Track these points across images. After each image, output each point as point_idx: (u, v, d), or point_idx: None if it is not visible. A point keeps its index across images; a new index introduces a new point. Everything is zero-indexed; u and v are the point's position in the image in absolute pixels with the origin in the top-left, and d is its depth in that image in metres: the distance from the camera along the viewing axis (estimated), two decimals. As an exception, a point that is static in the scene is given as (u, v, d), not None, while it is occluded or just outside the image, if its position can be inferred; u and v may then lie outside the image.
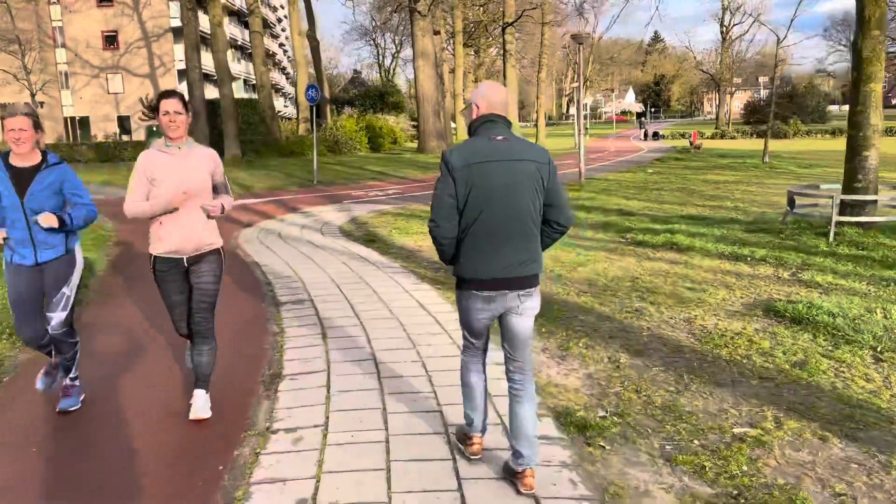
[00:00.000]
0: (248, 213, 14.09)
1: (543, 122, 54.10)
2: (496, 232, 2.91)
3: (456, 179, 2.90)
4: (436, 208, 2.96)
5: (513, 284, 2.97)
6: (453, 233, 2.95)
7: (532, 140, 44.39)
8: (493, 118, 3.02)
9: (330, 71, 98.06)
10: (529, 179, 2.93)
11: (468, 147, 2.96)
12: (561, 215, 3.05)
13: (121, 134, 47.71)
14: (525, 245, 2.97)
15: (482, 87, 3.14)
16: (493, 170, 2.90)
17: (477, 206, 2.90)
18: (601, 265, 8.01)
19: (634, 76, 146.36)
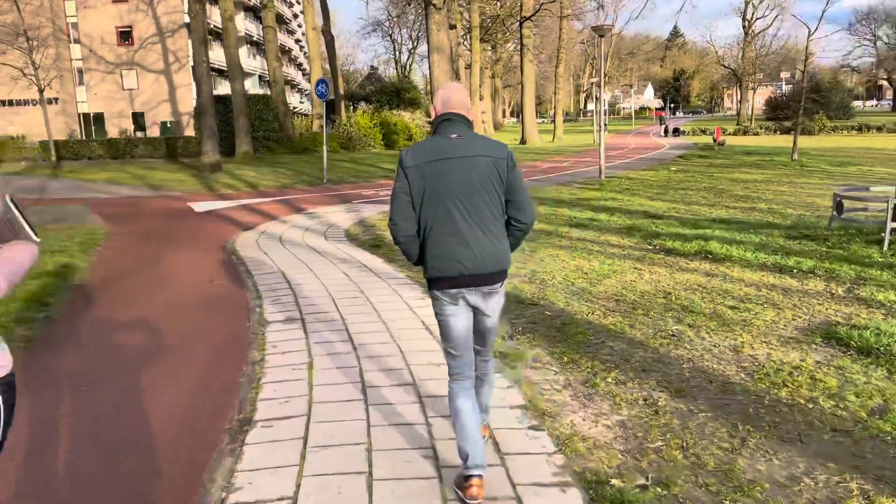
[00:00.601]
0: (251, 213, 13.40)
1: (561, 119, 53.15)
2: (455, 229, 2.89)
3: (410, 178, 2.90)
4: (393, 207, 2.96)
5: (477, 281, 2.93)
6: (411, 231, 2.95)
7: (549, 137, 43.59)
8: (450, 117, 2.99)
9: (347, 67, 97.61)
10: (486, 175, 2.91)
11: (423, 146, 2.95)
12: (520, 212, 3.01)
13: (135, 130, 47.44)
14: (488, 241, 2.91)
15: (442, 87, 3.13)
16: (448, 167, 2.88)
17: (434, 204, 2.90)
18: (628, 277, 7.21)
19: (653, 72, 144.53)
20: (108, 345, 5.30)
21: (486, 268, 2.92)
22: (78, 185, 19.22)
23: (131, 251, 9.40)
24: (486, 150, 2.94)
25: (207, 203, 14.88)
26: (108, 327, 5.78)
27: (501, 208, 2.98)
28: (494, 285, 2.99)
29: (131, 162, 29.35)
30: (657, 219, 11.45)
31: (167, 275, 7.85)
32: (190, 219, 12.78)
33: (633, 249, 8.74)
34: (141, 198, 16.39)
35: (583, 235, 9.96)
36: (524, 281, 7.16)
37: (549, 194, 15.84)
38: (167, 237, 10.65)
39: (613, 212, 12.37)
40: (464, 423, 2.96)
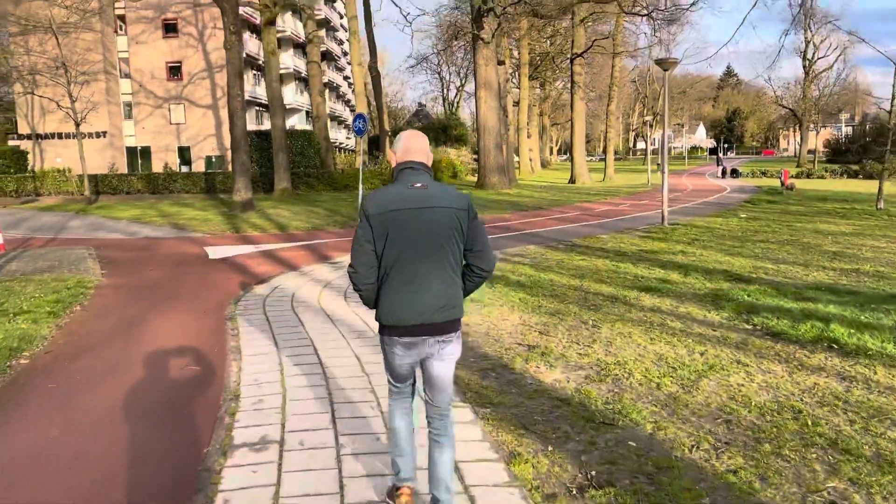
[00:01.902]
0: (270, 261, 11.91)
1: (612, 157, 51.27)
2: (413, 278, 2.91)
3: (372, 226, 2.90)
4: (354, 254, 2.96)
5: (431, 330, 2.94)
6: (372, 278, 2.96)
7: (599, 176, 41.76)
8: (411, 165, 3.01)
9: (395, 104, 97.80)
10: (446, 225, 2.93)
11: (385, 194, 2.96)
12: (482, 260, 3.05)
13: (181, 164, 47.34)
14: (444, 290, 2.94)
15: (402, 134, 3.12)
16: (409, 216, 2.90)
17: (394, 253, 2.90)
18: (733, 378, 5.34)
19: (705, 111, 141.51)
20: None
21: (441, 318, 2.93)
22: (100, 223, 18.17)
23: (113, 313, 7.91)
24: (448, 201, 2.95)
25: (226, 248, 13.48)
26: (2, 450, 4.19)
27: (460, 258, 3.02)
28: (448, 334, 2.99)
29: (168, 197, 28.58)
30: (744, 282, 9.52)
31: (138, 352, 6.30)
32: (200, 267, 11.35)
33: (727, 329, 6.86)
34: (158, 240, 15.13)
35: (657, 304, 8.11)
36: (591, 379, 5.36)
37: (608, 244, 14.00)
38: (165, 292, 9.18)
39: (688, 270, 10.47)
40: (398, 440, 3.16)
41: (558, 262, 11.58)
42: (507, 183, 31.62)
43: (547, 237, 15.47)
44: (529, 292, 8.90)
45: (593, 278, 9.94)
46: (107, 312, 7.90)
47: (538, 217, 20.38)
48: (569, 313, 7.66)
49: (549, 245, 13.96)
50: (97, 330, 7.08)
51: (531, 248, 13.59)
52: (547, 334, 6.79)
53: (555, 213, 21.64)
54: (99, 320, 7.51)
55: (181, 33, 46.51)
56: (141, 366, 5.86)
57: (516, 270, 10.69)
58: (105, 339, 6.74)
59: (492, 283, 9.57)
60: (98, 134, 45.60)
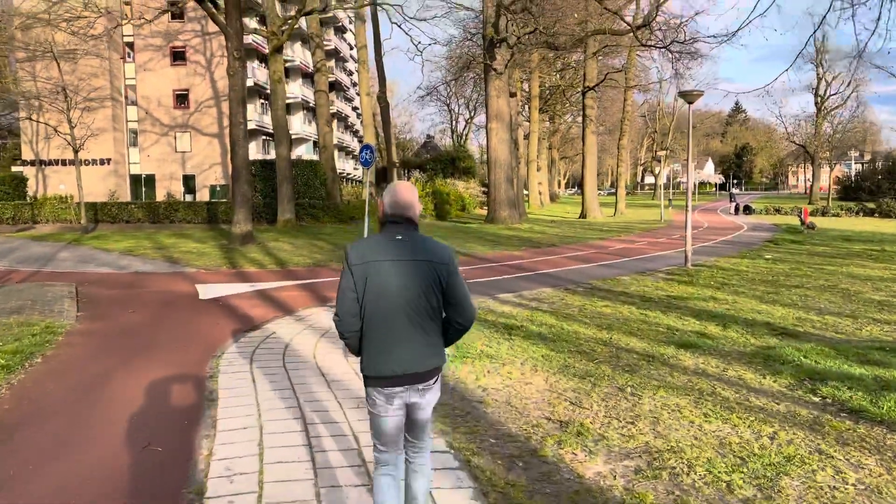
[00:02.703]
0: (265, 303, 10.92)
1: (623, 191, 50.43)
2: (393, 329, 2.94)
3: (354, 275, 2.95)
4: (339, 302, 3.00)
5: (412, 380, 2.98)
6: (356, 326, 2.99)
7: (609, 210, 40.85)
8: (396, 219, 3.06)
9: (404, 135, 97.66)
10: (426, 278, 2.97)
11: (368, 244, 3.03)
12: (460, 314, 3.06)
13: (185, 193, 46.73)
14: (424, 340, 2.99)
15: (392, 186, 3.15)
16: (390, 268, 2.95)
17: (374, 303, 2.95)
18: (820, 477, 4.28)
19: (713, 146, 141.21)
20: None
21: (421, 367, 2.99)
22: (90, 255, 17.26)
23: (77, 368, 6.91)
24: (429, 254, 3.01)
25: (219, 286, 12.51)
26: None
27: (439, 309, 3.04)
28: (428, 381, 3.03)
29: (168, 227, 27.74)
30: (792, 337, 8.49)
31: (95, 423, 5.29)
32: (187, 309, 10.36)
33: (792, 402, 5.81)
34: (148, 275, 14.18)
35: (700, 365, 7.07)
36: (642, 473, 4.31)
37: (631, 287, 12.98)
38: (142, 341, 8.19)
39: (725, 322, 9.43)
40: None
41: (580, 309, 10.56)
42: (517, 217, 30.71)
43: (564, 278, 14.46)
44: (553, 347, 7.87)
45: (622, 330, 8.91)
46: (70, 367, 6.90)
47: (552, 255, 19.38)
48: (601, 376, 6.63)
49: (568, 288, 12.94)
50: (53, 391, 6.07)
51: (548, 290, 12.58)
52: (579, 405, 5.75)
53: (569, 251, 20.65)
54: (58, 378, 6.51)
55: (189, 61, 46.23)
56: (94, 443, 4.85)
57: (535, 318, 9.67)
58: (60, 405, 5.73)
59: (510, 334, 8.55)
60: (102, 161, 45.03)
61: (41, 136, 43.05)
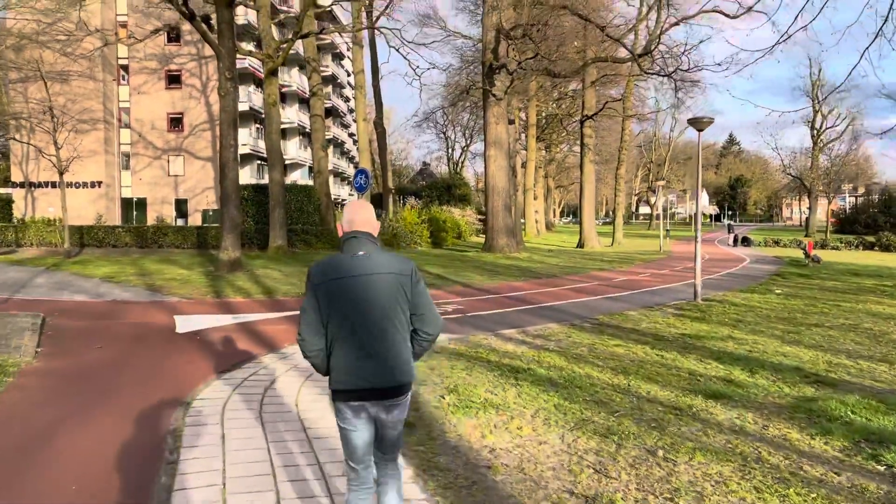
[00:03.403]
0: (248, 338, 10.02)
1: (621, 221, 49.82)
2: (361, 344, 2.96)
3: (317, 295, 2.99)
4: (302, 322, 3.03)
5: (381, 395, 2.98)
6: (319, 345, 3.01)
7: (608, 239, 40.11)
8: (355, 235, 3.12)
9: (400, 162, 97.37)
10: (391, 291, 3.00)
11: (330, 262, 3.07)
12: (426, 324, 3.11)
13: (177, 217, 45.91)
14: (393, 354, 3.00)
15: (349, 206, 3.22)
16: (353, 284, 2.98)
17: (340, 320, 2.98)
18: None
19: (707, 178, 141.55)
20: None
21: (389, 381, 2.99)
22: (68, 281, 16.35)
23: (21, 417, 6.01)
24: (391, 267, 3.04)
25: (199, 318, 11.61)
26: None
27: (406, 322, 3.08)
28: (397, 398, 3.04)
29: (156, 252, 26.87)
30: (826, 385, 7.66)
31: (24, 495, 4.39)
32: (161, 345, 9.46)
33: (853, 471, 4.95)
34: (126, 304, 13.28)
35: (735, 420, 6.22)
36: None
37: (641, 324, 12.14)
38: (104, 383, 7.29)
39: (751, 366, 8.59)
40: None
41: (590, 348, 9.71)
42: (515, 246, 29.94)
43: (569, 312, 13.63)
44: (566, 395, 7.01)
45: (640, 374, 8.06)
46: (13, 417, 6.00)
47: (554, 287, 18.56)
48: (626, 434, 5.77)
49: (574, 323, 12.10)
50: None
51: (554, 326, 11.73)
52: (605, 473, 4.88)
53: (571, 283, 19.84)
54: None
55: (184, 84, 45.74)
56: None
57: (543, 360, 8.81)
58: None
59: (516, 378, 7.69)
60: (93, 184, 44.25)
61: (31, 158, 42.27)
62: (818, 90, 69.92)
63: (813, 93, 69.89)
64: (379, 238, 3.25)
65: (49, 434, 5.53)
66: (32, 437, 5.43)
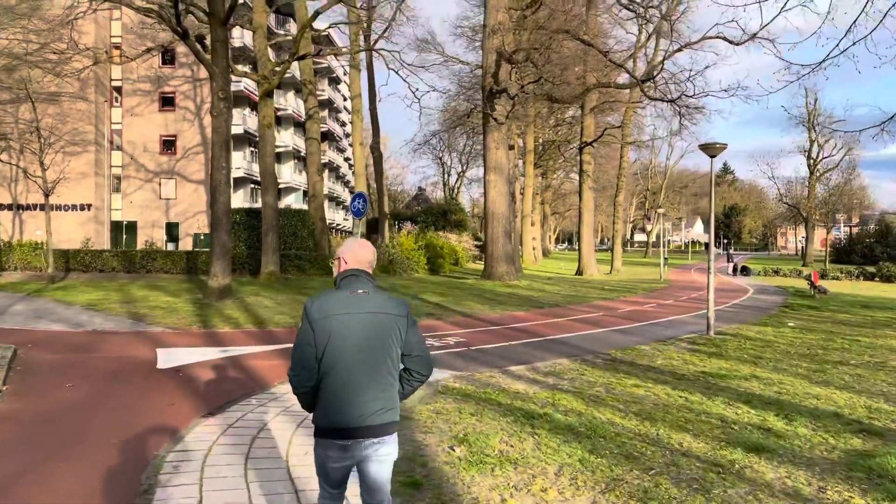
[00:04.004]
0: (236, 374, 9.22)
1: (620, 249, 49.25)
2: (352, 382, 2.95)
3: (315, 330, 2.98)
4: (295, 356, 3.02)
5: (368, 433, 2.97)
6: (312, 381, 2.99)
7: (607, 266, 39.43)
8: (355, 272, 3.16)
9: (395, 187, 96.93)
10: (386, 331, 3.02)
11: (329, 298, 3.06)
12: (420, 365, 3.16)
13: (167, 241, 45.08)
14: (381, 394, 2.99)
15: (350, 243, 3.28)
16: (351, 321, 2.99)
17: (334, 356, 2.96)
18: None
19: (701, 206, 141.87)
20: None
21: (377, 420, 2.97)
22: (47, 308, 15.51)
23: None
24: (388, 308, 3.07)
25: (183, 352, 10.79)
26: None
27: (397, 362, 3.09)
28: (384, 437, 3.01)
29: (144, 277, 26.02)
30: (873, 435, 6.94)
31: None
32: (139, 383, 8.65)
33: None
34: (106, 335, 12.45)
35: (787, 481, 5.46)
36: None
37: (656, 360, 11.39)
38: (69, 429, 6.49)
39: (785, 411, 7.84)
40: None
41: (608, 389, 8.95)
42: (514, 273, 29.22)
43: (578, 346, 12.87)
44: (590, 447, 6.24)
45: (667, 421, 7.30)
46: None
47: (559, 317, 17.81)
48: (667, 499, 5.00)
49: (586, 359, 11.34)
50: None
51: (564, 362, 10.97)
52: (653, 553, 4.11)
53: (576, 313, 19.09)
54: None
55: (178, 107, 45.21)
56: None
57: (559, 402, 8.04)
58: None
59: (533, 426, 6.92)
60: (82, 206, 43.45)
61: (20, 179, 41.50)
62: (814, 119, 70.05)
63: (809, 122, 69.99)
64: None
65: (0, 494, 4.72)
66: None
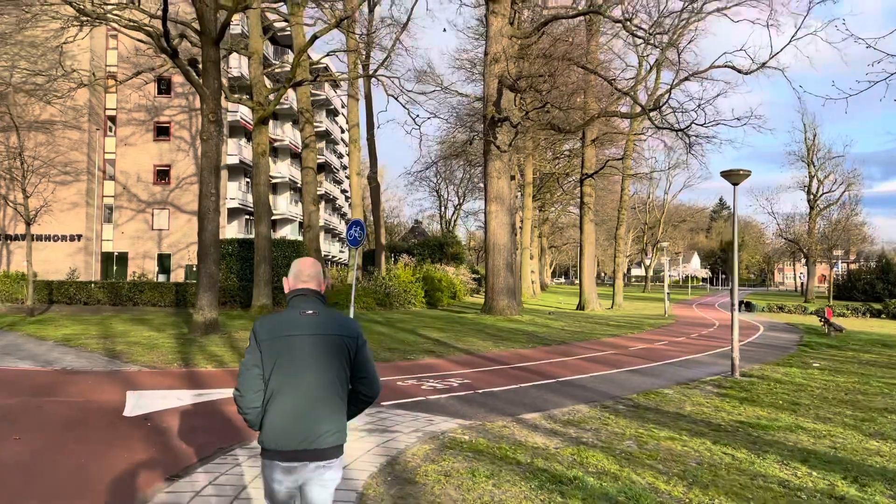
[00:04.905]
0: (213, 423, 8.06)
1: (621, 283, 48.21)
2: (300, 403, 2.90)
3: (262, 351, 2.94)
4: (242, 377, 2.96)
5: (314, 456, 2.92)
6: (257, 403, 2.94)
7: (608, 300, 38.29)
8: (303, 292, 3.10)
9: (391, 220, 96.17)
10: (335, 352, 2.98)
11: (276, 319, 3.03)
12: (368, 387, 3.10)
13: (159, 273, 43.94)
14: (328, 416, 2.94)
15: (296, 262, 3.19)
16: (299, 342, 2.95)
17: (281, 378, 2.91)
18: None
19: (697, 241, 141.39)
20: None
21: (323, 443, 2.93)
22: (17, 344, 14.33)
23: None
24: (339, 329, 3.03)
25: (156, 396, 9.62)
26: None
27: (346, 384, 3.04)
28: (330, 460, 2.97)
29: (130, 310, 24.87)
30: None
31: None
32: (99, 435, 7.49)
33: None
34: (75, 374, 11.27)
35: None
36: None
37: (685, 406, 10.25)
38: (3, 499, 5.33)
39: (852, 473, 6.72)
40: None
41: (639, 442, 7.81)
42: (516, 308, 28.09)
43: (594, 389, 11.73)
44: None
45: (719, 487, 6.17)
46: None
47: (566, 356, 16.67)
48: None
49: (606, 405, 10.20)
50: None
51: (583, 409, 9.83)
52: None
53: (584, 351, 17.96)
54: None
55: (173, 137, 44.42)
56: None
57: (587, 461, 6.90)
58: None
59: (562, 493, 5.79)
60: (72, 237, 42.34)
61: (8, 210, 40.46)
62: (813, 155, 69.75)
63: (808, 157, 69.67)
64: (326, 297, 3.18)
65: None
66: None
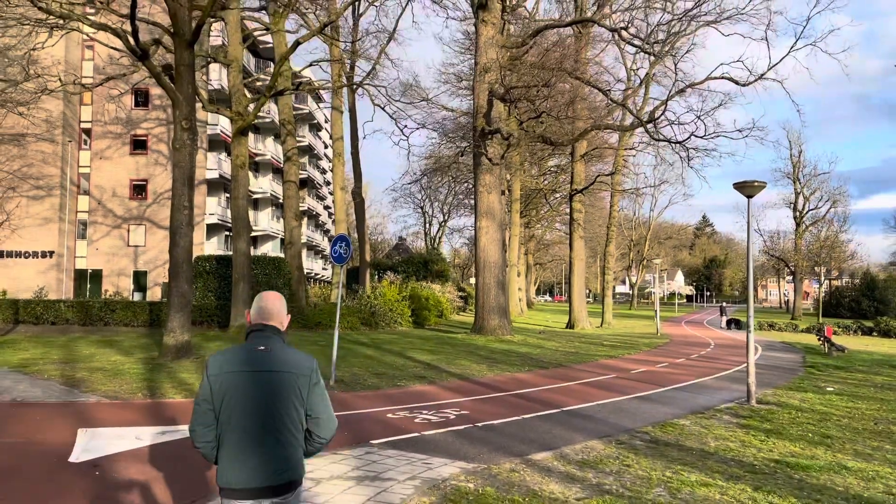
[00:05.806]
0: (175, 471, 6.86)
1: (611, 301, 47.32)
2: (249, 440, 2.86)
3: (213, 387, 2.89)
4: (194, 412, 2.94)
5: (266, 493, 2.87)
6: (209, 437, 2.92)
7: (597, 318, 37.31)
8: (261, 327, 3.05)
9: (375, 237, 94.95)
10: (286, 390, 2.91)
11: (228, 354, 2.98)
12: (320, 428, 3.02)
13: (134, 291, 42.40)
14: (280, 453, 2.89)
15: (258, 296, 3.15)
16: (248, 379, 2.89)
17: (231, 414, 2.87)
18: None
19: (681, 258, 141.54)
20: None
21: (276, 480, 2.87)
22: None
23: None
24: (290, 366, 2.95)
25: (111, 434, 8.39)
26: None
27: (299, 422, 2.96)
28: (286, 495, 2.92)
29: (101, 330, 23.49)
30: None
31: None
32: (33, 489, 6.28)
33: None
34: (23, 407, 10.01)
35: None
36: None
37: (707, 441, 9.20)
38: None
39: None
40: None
41: (670, 490, 6.74)
42: (507, 327, 26.99)
43: (604, 420, 10.65)
44: None
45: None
46: None
47: (566, 380, 15.60)
48: None
49: (621, 441, 9.12)
50: None
51: (598, 446, 8.74)
52: None
53: (584, 374, 16.90)
54: None
55: (150, 150, 43.09)
56: None
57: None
58: None
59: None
60: (44, 254, 40.77)
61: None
62: (799, 171, 69.71)
63: (794, 174, 69.61)
64: (286, 333, 3.11)
65: None
66: None
